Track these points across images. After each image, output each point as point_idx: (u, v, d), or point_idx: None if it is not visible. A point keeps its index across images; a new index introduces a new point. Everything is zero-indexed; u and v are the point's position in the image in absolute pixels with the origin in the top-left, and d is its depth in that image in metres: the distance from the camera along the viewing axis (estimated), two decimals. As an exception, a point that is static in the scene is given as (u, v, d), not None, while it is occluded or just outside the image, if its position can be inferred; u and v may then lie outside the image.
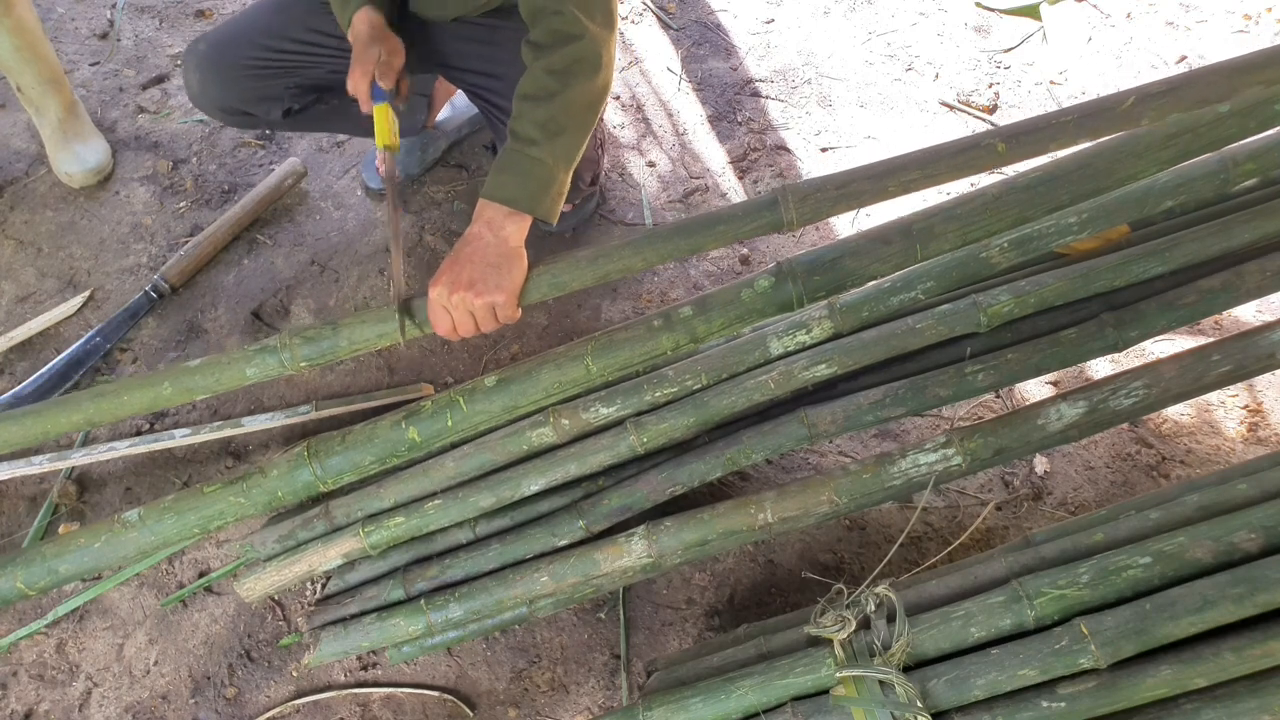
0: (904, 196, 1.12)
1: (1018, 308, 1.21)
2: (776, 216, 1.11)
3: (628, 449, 1.24)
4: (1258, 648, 0.91)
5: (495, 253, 1.14)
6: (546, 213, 1.19)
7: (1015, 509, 1.46)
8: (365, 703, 1.34)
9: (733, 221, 1.12)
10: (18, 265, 1.85)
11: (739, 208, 1.13)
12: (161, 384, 1.23)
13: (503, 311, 1.15)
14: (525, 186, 1.17)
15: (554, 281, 1.16)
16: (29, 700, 1.36)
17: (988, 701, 0.96)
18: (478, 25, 1.50)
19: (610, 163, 1.99)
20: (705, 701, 1.02)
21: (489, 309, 1.14)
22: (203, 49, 1.52)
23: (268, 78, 1.52)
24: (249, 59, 1.50)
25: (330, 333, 1.20)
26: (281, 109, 1.58)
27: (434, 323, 1.17)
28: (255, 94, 1.54)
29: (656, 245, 1.14)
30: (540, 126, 1.16)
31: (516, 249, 1.16)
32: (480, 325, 1.16)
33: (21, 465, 1.54)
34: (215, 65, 1.52)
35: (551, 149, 1.17)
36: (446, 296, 1.14)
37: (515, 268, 1.15)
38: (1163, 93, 1.09)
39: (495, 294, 1.13)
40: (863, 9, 2.30)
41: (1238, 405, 1.57)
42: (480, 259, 1.14)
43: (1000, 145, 1.08)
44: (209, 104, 1.57)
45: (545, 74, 1.17)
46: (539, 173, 1.17)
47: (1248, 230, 1.20)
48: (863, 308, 1.23)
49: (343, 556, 1.29)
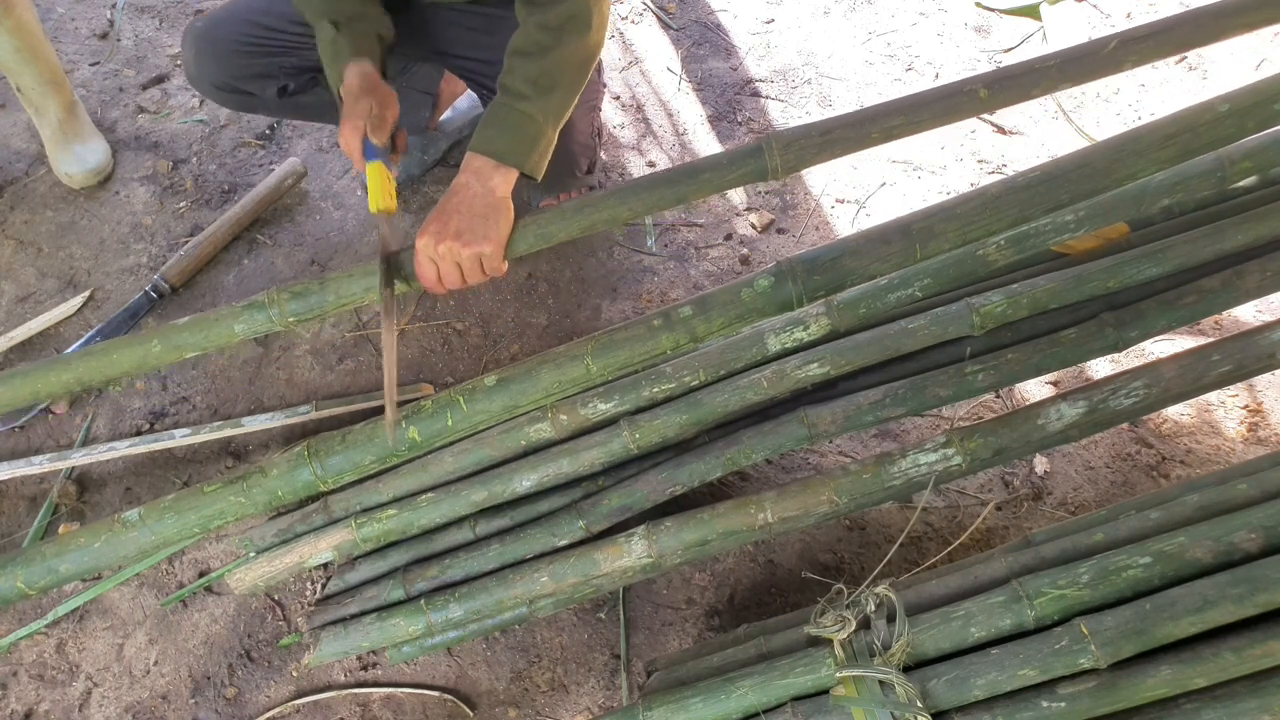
0: (904, 199, 1.12)
1: (1011, 309, 1.22)
2: (761, 164, 1.11)
3: (621, 447, 1.25)
4: (1258, 648, 0.91)
5: (482, 203, 1.14)
6: (533, 168, 1.19)
7: (1015, 509, 1.46)
8: (365, 703, 1.34)
9: (717, 170, 1.12)
10: (18, 265, 1.85)
11: (723, 156, 1.13)
12: (150, 342, 1.22)
13: (489, 263, 1.13)
14: (514, 140, 1.17)
15: (540, 232, 1.15)
16: (29, 700, 1.36)
17: (988, 701, 0.96)
18: (478, 14, 1.50)
19: (610, 162, 1.99)
20: (705, 701, 1.02)
21: (476, 260, 1.12)
22: (200, 26, 1.52)
23: (263, 55, 1.51)
24: (244, 35, 1.50)
25: (318, 287, 1.20)
26: (277, 86, 1.56)
27: (420, 275, 1.15)
28: (250, 71, 1.53)
29: (642, 194, 1.13)
30: (531, 82, 1.17)
31: (504, 200, 1.15)
32: (466, 277, 1.14)
33: (22, 465, 1.54)
34: (211, 41, 1.51)
35: (542, 104, 1.17)
36: (433, 247, 1.12)
37: (502, 218, 1.14)
38: (1145, 37, 1.09)
39: (482, 244, 1.11)
40: (863, 9, 2.30)
41: (1238, 405, 1.57)
42: (467, 209, 1.13)
43: (982, 91, 1.08)
44: (204, 81, 1.56)
45: (539, 29, 1.17)
46: (528, 127, 1.17)
47: (1241, 233, 1.20)
48: (860, 305, 1.23)
49: (333, 548, 1.29)
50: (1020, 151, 1.97)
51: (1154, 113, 1.99)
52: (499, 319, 1.74)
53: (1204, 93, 2.01)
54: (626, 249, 1.85)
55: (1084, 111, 2.03)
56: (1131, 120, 1.99)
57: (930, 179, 1.92)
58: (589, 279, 1.80)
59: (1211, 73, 2.05)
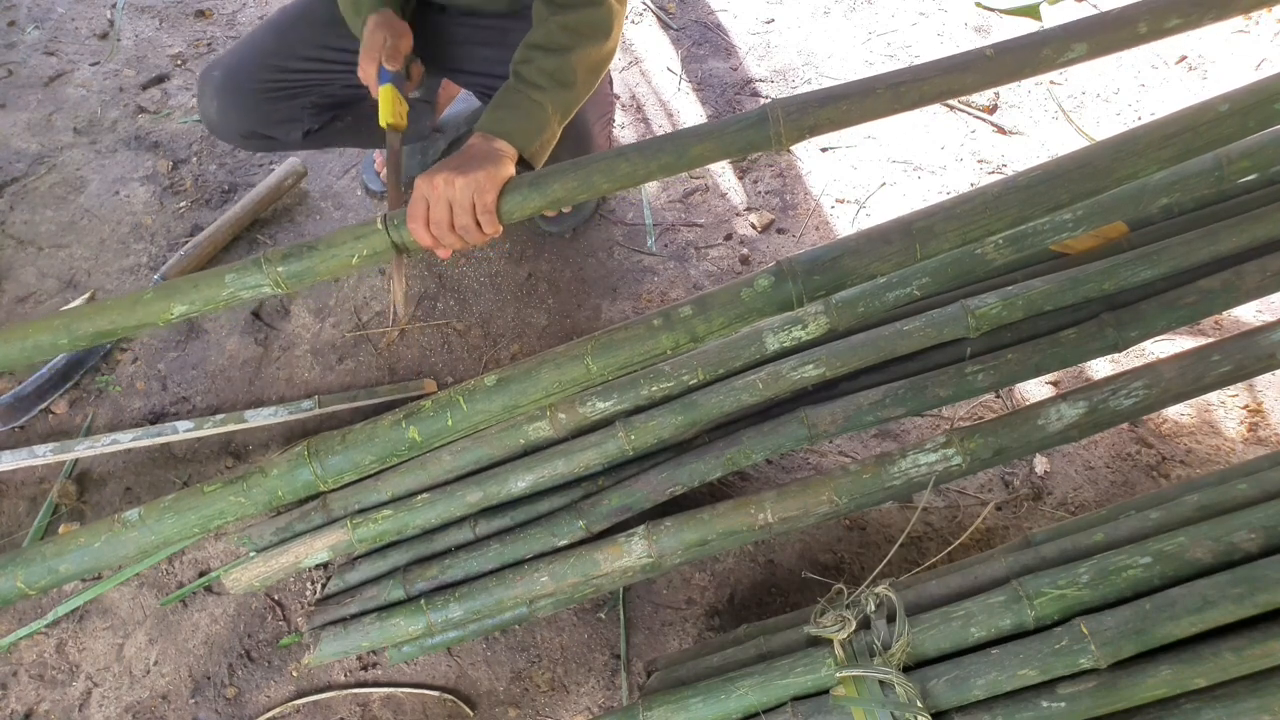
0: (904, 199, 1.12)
1: (1006, 312, 1.22)
2: (765, 133, 1.08)
3: (617, 449, 1.25)
4: (1258, 648, 0.91)
5: (483, 151, 1.15)
6: (534, 155, 1.22)
7: (1015, 509, 1.46)
8: (365, 703, 1.34)
9: (721, 136, 1.09)
10: (18, 265, 1.85)
11: (727, 122, 1.09)
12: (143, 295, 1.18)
13: (482, 198, 1.10)
14: (521, 124, 1.20)
15: (536, 184, 1.12)
16: (29, 700, 1.36)
17: (988, 701, 0.96)
18: (489, 28, 1.51)
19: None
20: (705, 701, 1.02)
21: (468, 195, 1.10)
22: (218, 77, 1.51)
23: (284, 99, 1.52)
24: (264, 82, 1.50)
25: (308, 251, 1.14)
26: (302, 130, 1.58)
27: (410, 215, 1.12)
28: (274, 117, 1.54)
29: (644, 153, 1.10)
30: (548, 75, 1.21)
31: (505, 159, 1.16)
32: (457, 219, 1.11)
33: (25, 455, 1.54)
34: (232, 92, 1.50)
35: (553, 97, 1.22)
36: (428, 181, 1.11)
37: (502, 166, 1.14)
38: None
39: (478, 172, 1.10)
40: (863, 9, 2.30)
41: (1238, 405, 1.57)
42: (467, 154, 1.15)
43: (990, 52, 1.06)
44: (229, 131, 1.56)
45: (560, 29, 1.22)
46: (537, 114, 1.21)
47: (1236, 234, 1.20)
48: (858, 304, 1.23)
49: (329, 549, 1.29)
50: (1020, 151, 1.97)
51: (1154, 113, 1.99)
52: (499, 319, 1.75)
53: (1204, 93, 2.01)
54: (626, 249, 1.85)
55: (1084, 111, 2.03)
56: (1131, 120, 1.99)
57: (930, 179, 1.92)
58: (589, 279, 1.80)
59: (1211, 73, 2.05)
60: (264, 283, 1.14)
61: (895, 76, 1.06)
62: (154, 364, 1.72)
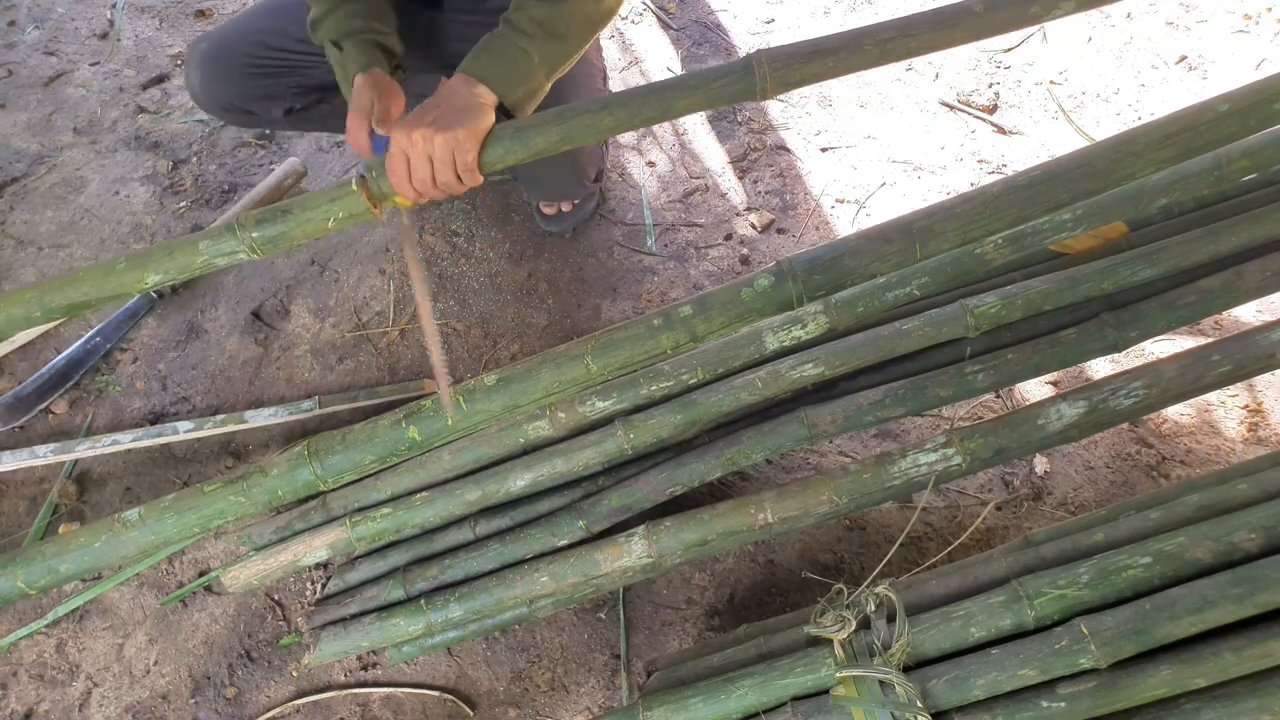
0: (904, 199, 1.11)
1: (1005, 311, 1.22)
2: (750, 82, 1.06)
3: (616, 448, 1.25)
4: (1258, 648, 0.91)
5: (462, 100, 1.12)
6: (516, 102, 1.18)
7: (1015, 509, 1.46)
8: (365, 703, 1.34)
9: (705, 87, 1.06)
10: (18, 265, 1.85)
11: (711, 71, 1.07)
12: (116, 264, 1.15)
13: (462, 155, 1.08)
14: (505, 70, 1.16)
15: (519, 138, 1.10)
16: (29, 700, 1.36)
17: (988, 701, 0.96)
18: (485, 25, 1.51)
19: (610, 163, 1.99)
20: (705, 701, 1.02)
21: (448, 150, 1.08)
22: (204, 47, 1.53)
23: (269, 77, 1.53)
24: (250, 58, 1.51)
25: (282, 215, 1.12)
26: (283, 108, 1.58)
27: (390, 171, 1.10)
28: (256, 92, 1.54)
29: (626, 104, 1.08)
30: (538, 24, 1.17)
31: (484, 105, 1.12)
32: (437, 174, 1.09)
33: (25, 455, 1.54)
34: (216, 63, 1.52)
35: (541, 47, 1.17)
36: (405, 135, 1.08)
37: (481, 116, 1.10)
38: None
39: (457, 129, 1.07)
40: (863, 9, 2.30)
41: (1238, 405, 1.57)
42: (446, 104, 1.11)
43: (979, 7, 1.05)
44: (210, 102, 1.58)
45: None
46: (522, 62, 1.17)
47: (1235, 234, 1.20)
48: (858, 303, 1.23)
49: (328, 547, 1.29)
50: (1020, 151, 1.96)
51: (1154, 113, 1.99)
52: (499, 319, 1.75)
53: (1204, 93, 2.01)
54: (626, 249, 1.85)
55: (1084, 111, 2.03)
56: (1131, 120, 1.99)
57: (930, 179, 1.92)
58: (589, 279, 1.80)
59: (1211, 73, 2.05)
60: (239, 249, 1.11)
61: (881, 31, 1.03)
62: (154, 364, 1.72)
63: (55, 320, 1.19)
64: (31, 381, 1.65)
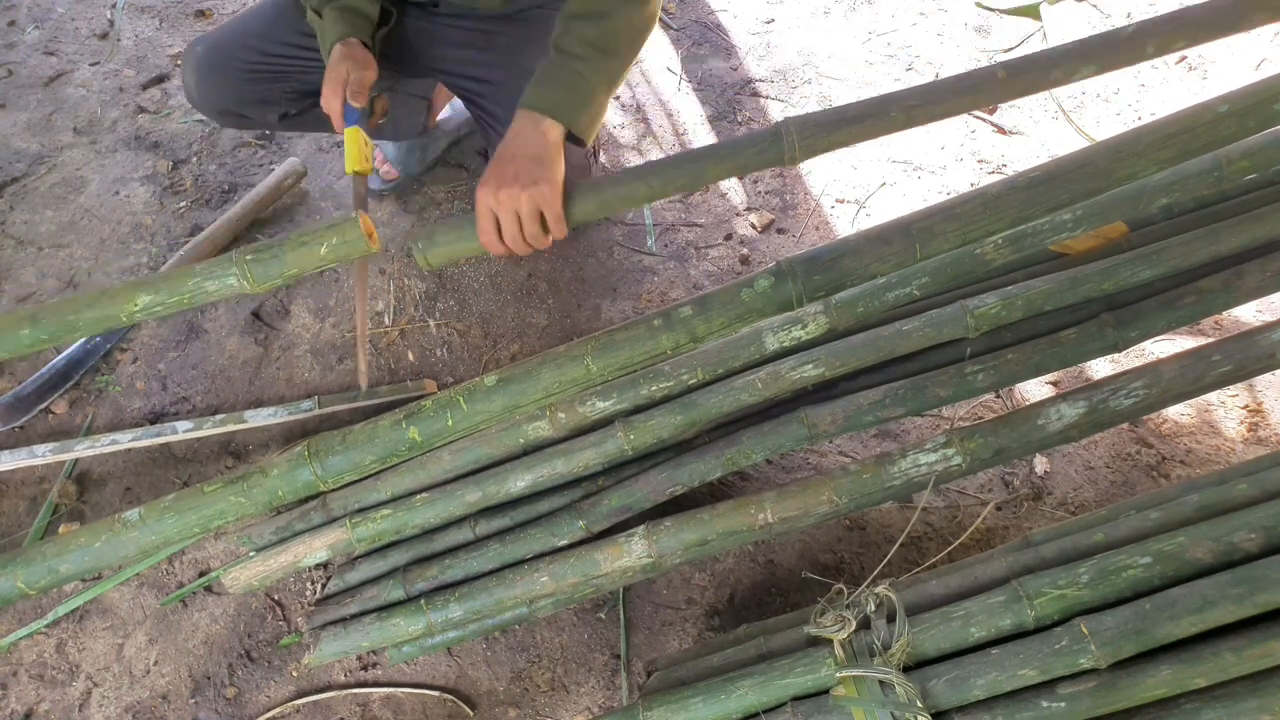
0: (904, 199, 1.12)
1: (1005, 312, 1.22)
2: (779, 150, 1.10)
3: (616, 448, 1.25)
4: (1258, 648, 0.91)
5: (535, 145, 1.12)
6: (583, 129, 1.18)
7: (1015, 509, 1.46)
8: (365, 703, 1.34)
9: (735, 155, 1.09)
10: (18, 265, 1.85)
11: (741, 141, 1.11)
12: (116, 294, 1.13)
13: (549, 208, 1.10)
14: (567, 97, 1.16)
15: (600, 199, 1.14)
16: (29, 700, 1.36)
17: (988, 701, 0.96)
18: (478, 30, 1.51)
19: (610, 163, 1.99)
20: (705, 701, 1.02)
21: (534, 205, 1.10)
22: (200, 51, 1.53)
23: (264, 82, 1.53)
24: (245, 63, 1.51)
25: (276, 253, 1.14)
26: (278, 113, 1.59)
27: (480, 230, 1.12)
28: (251, 97, 1.55)
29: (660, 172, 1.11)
30: (589, 44, 1.16)
31: (557, 145, 1.13)
32: (525, 228, 1.11)
33: (25, 455, 1.54)
34: (212, 68, 1.52)
35: (596, 67, 1.17)
36: (492, 195, 1.10)
37: (556, 163, 1.12)
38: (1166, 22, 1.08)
39: (541, 185, 1.09)
40: (863, 9, 2.31)
41: (1238, 405, 1.57)
42: (521, 153, 1.11)
43: (1002, 73, 1.07)
44: (206, 106, 1.58)
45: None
46: (582, 86, 1.16)
47: (1235, 235, 1.20)
48: (858, 304, 1.23)
49: (328, 548, 1.29)
50: (1020, 151, 1.97)
51: (1154, 113, 1.99)
52: (499, 319, 1.75)
53: (1204, 93, 2.01)
54: (626, 249, 1.85)
55: (1084, 111, 2.03)
56: (1131, 120, 1.99)
57: (930, 179, 1.92)
58: (589, 279, 1.80)
59: (1211, 73, 2.05)
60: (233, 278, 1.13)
61: (907, 97, 1.07)
62: (154, 364, 1.72)
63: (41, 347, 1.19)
64: (31, 381, 1.65)
